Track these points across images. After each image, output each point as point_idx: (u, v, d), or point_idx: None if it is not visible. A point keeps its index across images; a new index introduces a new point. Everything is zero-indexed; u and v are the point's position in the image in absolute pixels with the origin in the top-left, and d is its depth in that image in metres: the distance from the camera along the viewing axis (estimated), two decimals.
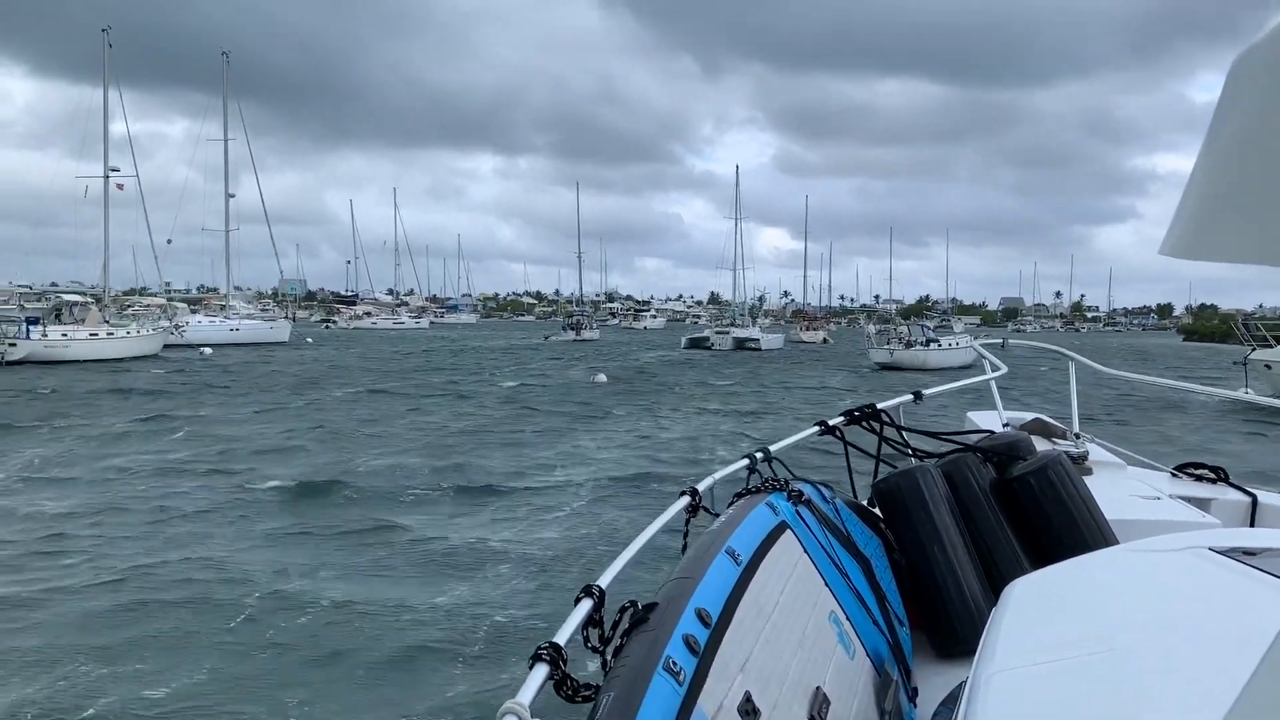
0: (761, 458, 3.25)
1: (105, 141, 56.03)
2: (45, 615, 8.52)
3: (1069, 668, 1.78)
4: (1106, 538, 3.50)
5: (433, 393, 31.21)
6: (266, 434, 20.38)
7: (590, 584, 1.99)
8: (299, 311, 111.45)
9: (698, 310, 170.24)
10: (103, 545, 10.84)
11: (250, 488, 14.33)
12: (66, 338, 43.48)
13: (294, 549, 10.85)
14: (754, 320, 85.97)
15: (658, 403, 28.98)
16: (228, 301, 68.38)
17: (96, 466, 16.01)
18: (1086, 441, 5.38)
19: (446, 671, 7.57)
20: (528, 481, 15.10)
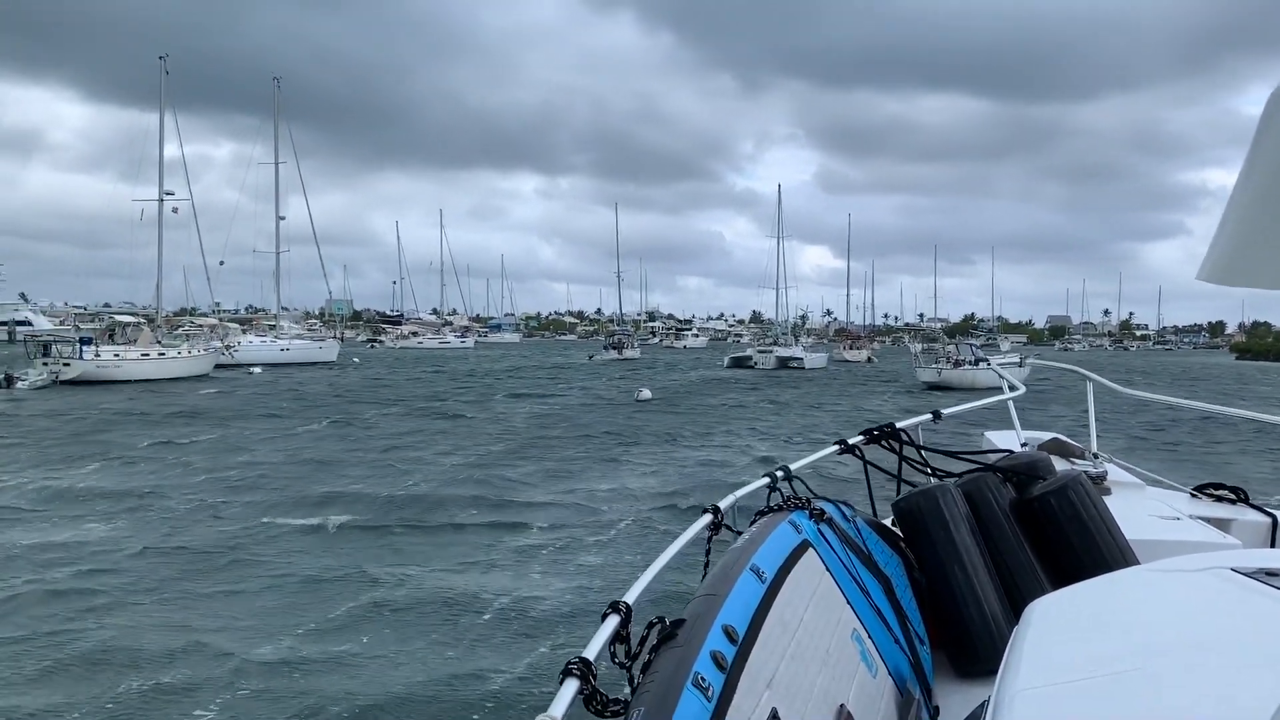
0: (782, 476, 3.27)
1: (160, 166, 57.37)
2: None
3: (1092, 688, 1.78)
4: (1127, 558, 3.51)
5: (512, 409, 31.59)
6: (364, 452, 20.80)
7: (617, 600, 2.01)
8: (346, 331, 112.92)
9: (739, 329, 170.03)
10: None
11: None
12: (119, 358, 44.41)
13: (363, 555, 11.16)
14: (796, 339, 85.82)
15: (704, 422, 29.07)
16: (277, 322, 69.50)
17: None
18: (1105, 461, 5.37)
19: (479, 680, 7.67)
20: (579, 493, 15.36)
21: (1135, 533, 3.79)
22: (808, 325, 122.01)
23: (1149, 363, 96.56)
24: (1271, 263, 1.61)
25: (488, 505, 14.95)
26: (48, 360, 41.75)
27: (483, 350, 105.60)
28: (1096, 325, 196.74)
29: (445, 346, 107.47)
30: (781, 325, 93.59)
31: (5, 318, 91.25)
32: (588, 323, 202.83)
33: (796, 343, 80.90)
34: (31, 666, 7.96)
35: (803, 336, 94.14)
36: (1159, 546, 3.74)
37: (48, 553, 11.57)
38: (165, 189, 56.93)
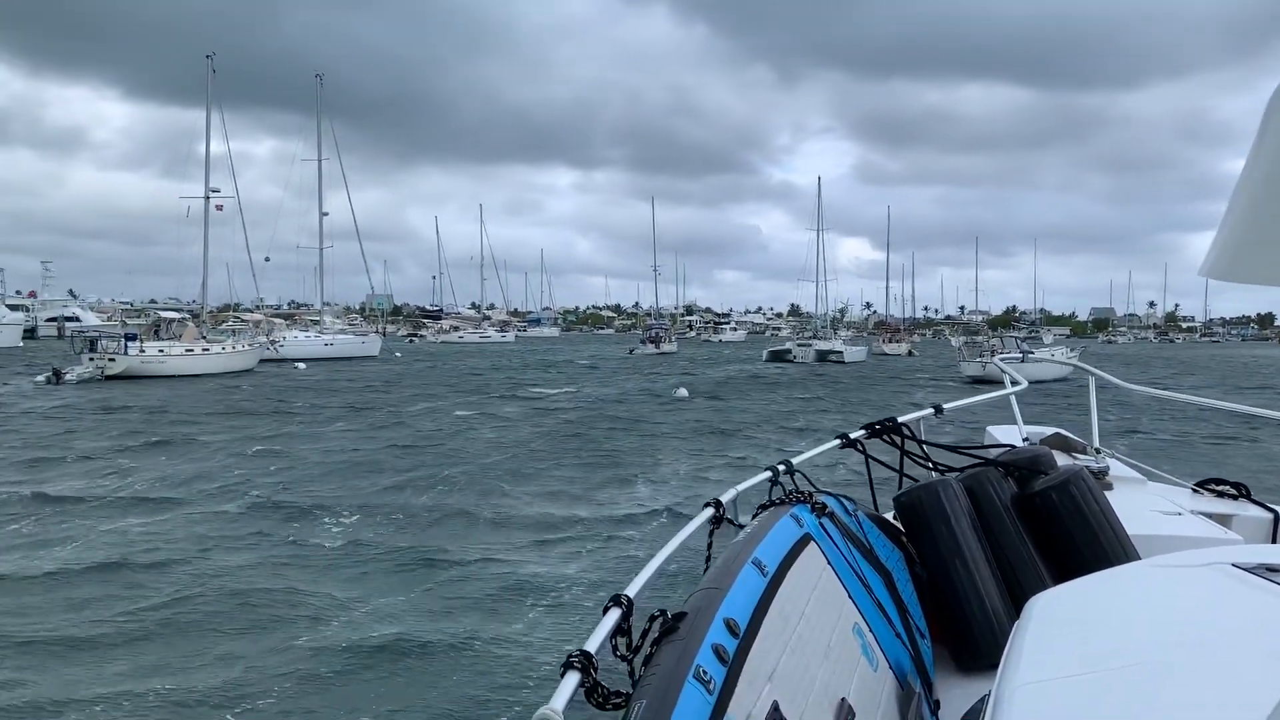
0: (784, 470, 3.28)
1: (207, 164, 57.99)
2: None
3: (1093, 682, 1.78)
4: (1128, 553, 3.51)
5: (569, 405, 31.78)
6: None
7: (619, 593, 2.03)
8: (387, 326, 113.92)
9: (778, 322, 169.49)
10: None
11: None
12: (163, 353, 44.98)
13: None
14: (834, 332, 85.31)
15: (743, 420, 28.98)
16: (321, 317, 70.24)
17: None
18: (1107, 456, 5.37)
19: (481, 674, 7.72)
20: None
21: (1137, 528, 3.81)
22: (847, 318, 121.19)
23: (1193, 355, 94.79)
24: (1273, 258, 1.63)
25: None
26: (93, 356, 42.48)
27: (524, 344, 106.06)
28: (1141, 318, 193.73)
29: (486, 341, 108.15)
30: (820, 318, 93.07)
31: (54, 314, 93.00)
32: (625, 316, 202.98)
33: (835, 336, 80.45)
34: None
35: (841, 329, 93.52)
36: (1160, 542, 3.74)
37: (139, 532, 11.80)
38: (210, 186, 57.70)
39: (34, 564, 10.89)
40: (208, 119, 58.05)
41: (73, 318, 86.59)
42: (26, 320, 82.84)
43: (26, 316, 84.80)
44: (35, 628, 8.75)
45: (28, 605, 9.45)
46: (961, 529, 3.39)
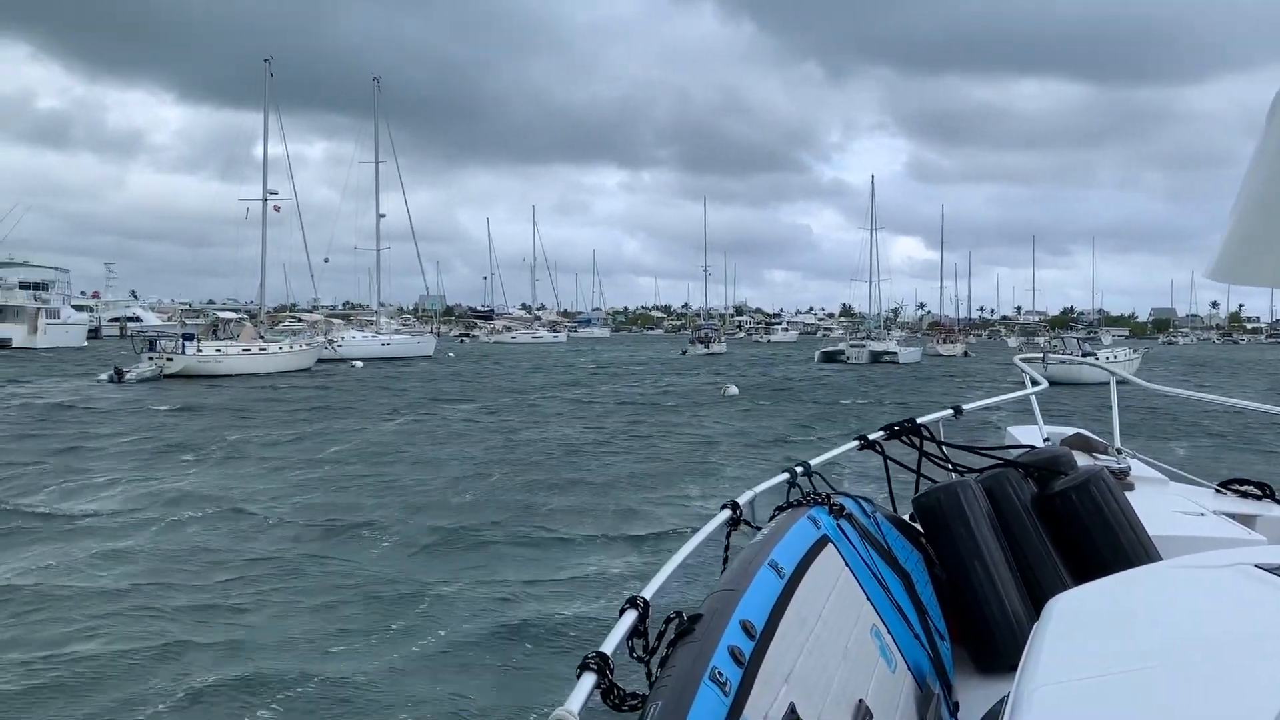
0: (801, 471, 3.27)
1: (265, 166, 58.81)
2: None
3: (1114, 684, 1.76)
4: (1150, 554, 3.47)
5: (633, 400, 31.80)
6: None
7: (635, 595, 2.02)
8: (440, 327, 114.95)
9: (829, 322, 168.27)
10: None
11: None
12: (220, 352, 45.80)
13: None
14: (887, 333, 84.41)
15: (802, 421, 28.68)
16: (377, 317, 70.88)
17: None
18: (1128, 457, 5.34)
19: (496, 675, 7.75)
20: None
21: (1158, 529, 3.78)
22: (900, 319, 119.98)
23: (1254, 357, 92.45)
24: (1274, 260, 1.62)
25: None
26: (153, 355, 43.37)
27: (576, 345, 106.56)
28: (1204, 318, 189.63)
29: (539, 341, 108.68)
30: (874, 319, 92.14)
31: (117, 314, 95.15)
32: (674, 317, 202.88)
33: (888, 337, 79.60)
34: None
35: (894, 330, 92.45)
36: (1182, 542, 3.72)
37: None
38: (268, 188, 58.47)
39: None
40: (265, 122, 58.90)
41: (135, 318, 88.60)
42: (91, 320, 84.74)
43: (91, 317, 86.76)
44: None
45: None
46: (981, 530, 3.38)
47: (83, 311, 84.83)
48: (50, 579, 10.19)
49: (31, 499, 14.68)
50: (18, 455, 18.94)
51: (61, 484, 15.91)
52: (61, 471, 17.10)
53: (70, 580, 10.17)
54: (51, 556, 11.10)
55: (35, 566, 10.72)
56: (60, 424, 24.72)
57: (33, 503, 14.38)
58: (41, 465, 17.74)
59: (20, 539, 12.02)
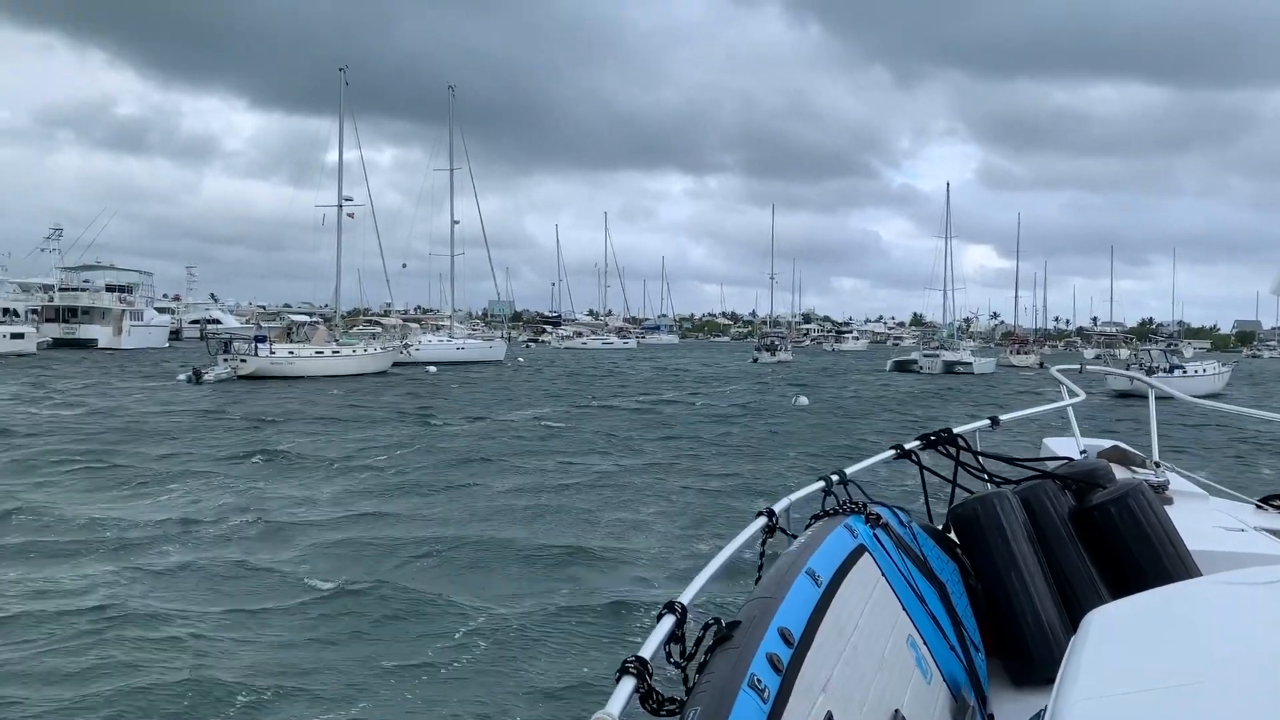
0: (837, 480, 3.25)
1: (340, 173, 59.87)
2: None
3: (1152, 700, 1.73)
4: (1189, 569, 3.43)
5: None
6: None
7: (673, 600, 2.02)
8: (511, 332, 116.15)
9: (899, 331, 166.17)
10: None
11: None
12: (292, 355, 46.69)
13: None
14: (959, 342, 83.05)
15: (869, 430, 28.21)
16: (450, 323, 71.70)
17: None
18: (1167, 470, 5.27)
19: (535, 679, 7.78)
20: None
21: (1198, 544, 3.74)
22: (972, 328, 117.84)
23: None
24: None
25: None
26: (227, 357, 44.40)
27: (645, 351, 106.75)
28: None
29: (609, 347, 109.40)
30: (947, 328, 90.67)
31: (197, 317, 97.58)
32: (741, 324, 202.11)
33: (960, 346, 78.33)
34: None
35: (965, 340, 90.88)
36: (1222, 558, 3.69)
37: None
38: (345, 195, 59.41)
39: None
40: (340, 130, 59.95)
41: (215, 320, 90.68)
42: (173, 322, 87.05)
43: (172, 319, 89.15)
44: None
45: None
46: (1017, 542, 3.36)
47: (164, 314, 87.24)
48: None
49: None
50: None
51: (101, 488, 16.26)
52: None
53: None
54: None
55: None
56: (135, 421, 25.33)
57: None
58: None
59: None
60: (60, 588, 9.98)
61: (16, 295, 72.66)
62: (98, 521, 13.15)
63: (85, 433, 23.03)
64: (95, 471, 17.39)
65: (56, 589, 9.92)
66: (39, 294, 75.02)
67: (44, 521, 13.10)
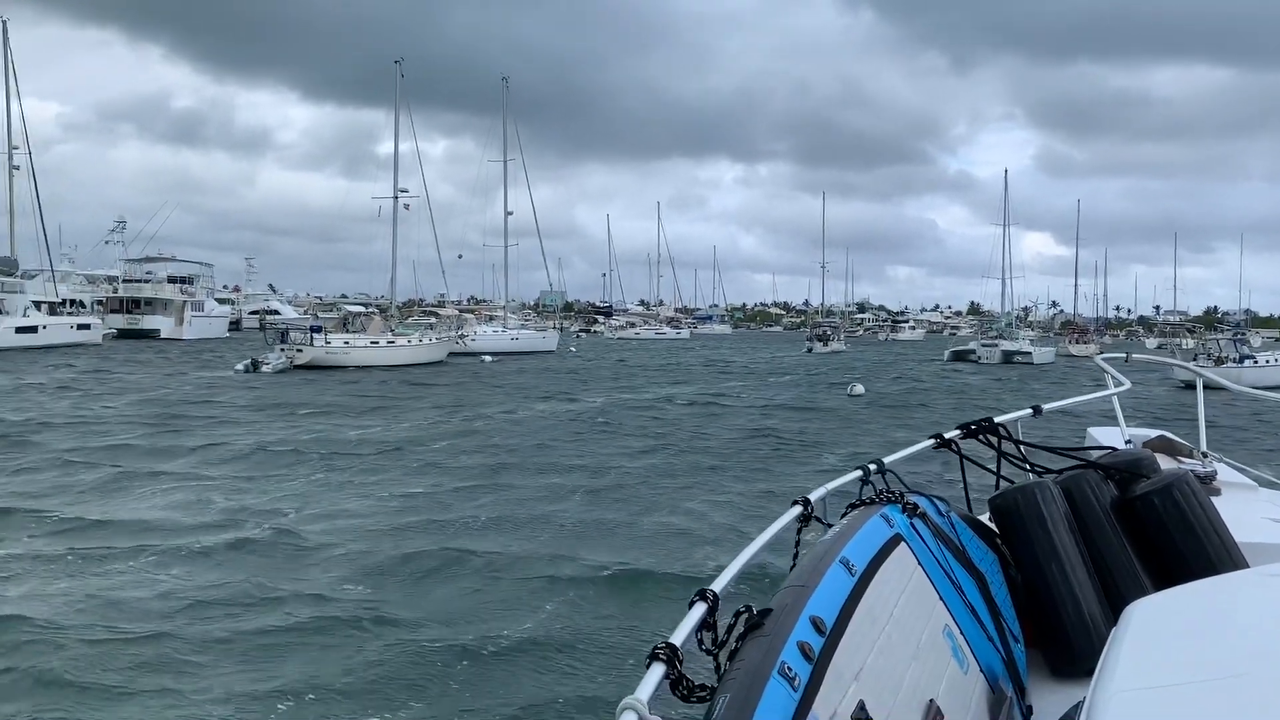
0: (875, 469, 3.19)
1: (395, 165, 60.15)
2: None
3: (1194, 692, 1.70)
4: (1236, 561, 3.38)
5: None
6: None
7: (704, 588, 2.01)
8: (564, 322, 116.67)
9: (956, 321, 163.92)
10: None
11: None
12: (347, 345, 47.35)
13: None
14: (1017, 332, 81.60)
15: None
16: (504, 313, 71.99)
17: None
18: (1214, 461, 5.19)
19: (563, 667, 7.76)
20: None
21: (1245, 535, 3.68)
22: (1031, 317, 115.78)
23: None
24: None
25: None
26: (284, 347, 45.03)
27: (699, 341, 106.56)
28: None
29: (662, 337, 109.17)
30: (1006, 317, 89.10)
31: (256, 307, 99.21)
32: (793, 314, 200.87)
33: (1019, 336, 76.98)
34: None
35: (1024, 329, 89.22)
36: (1271, 550, 3.62)
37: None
38: (400, 187, 59.83)
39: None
40: (396, 122, 60.24)
41: (274, 311, 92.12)
42: (232, 313, 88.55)
43: (232, 309, 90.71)
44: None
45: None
46: (1058, 532, 3.33)
47: (225, 304, 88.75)
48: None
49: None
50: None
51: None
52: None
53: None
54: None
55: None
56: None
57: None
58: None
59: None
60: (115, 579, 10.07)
61: (83, 287, 74.30)
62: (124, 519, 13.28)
63: (133, 419, 23.52)
64: (128, 457, 17.77)
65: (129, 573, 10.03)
66: (104, 285, 76.73)
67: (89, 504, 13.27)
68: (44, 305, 59.14)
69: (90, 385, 33.12)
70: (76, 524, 12.31)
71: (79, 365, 42.54)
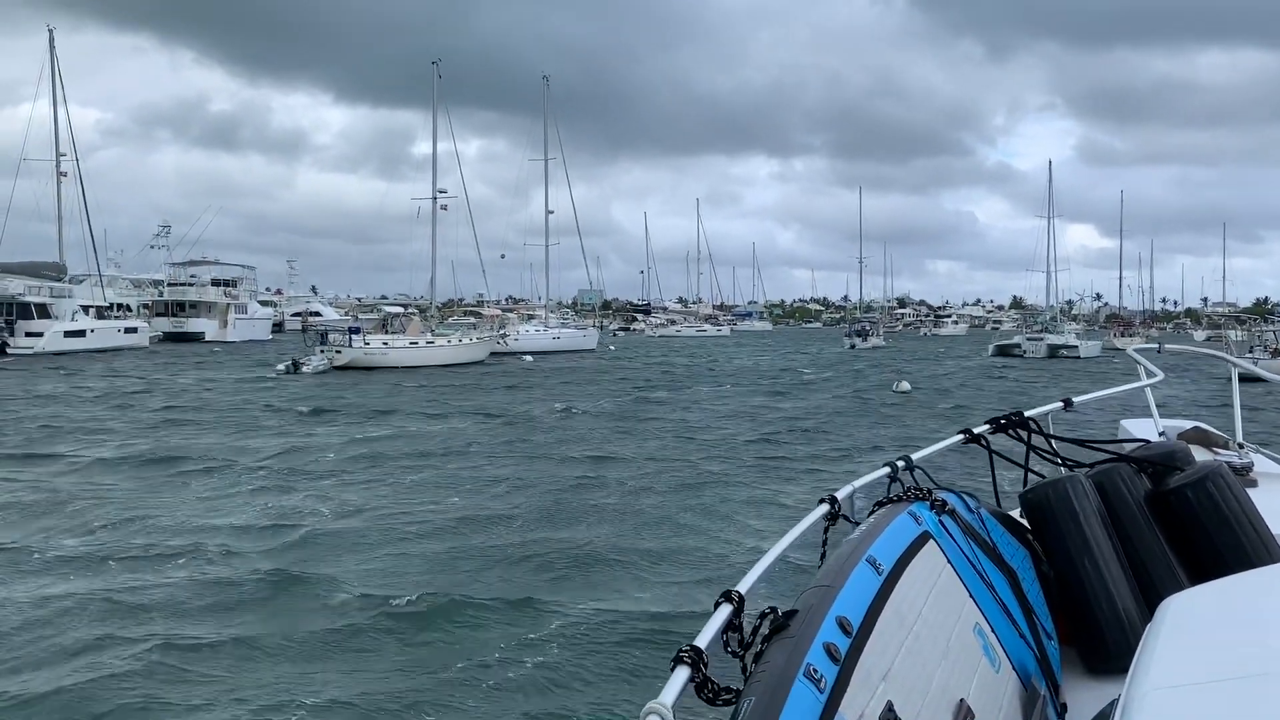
0: (903, 466, 3.17)
1: (434, 166, 60.43)
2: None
3: (1232, 689, 1.67)
4: (1273, 554, 3.32)
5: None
6: None
7: (730, 589, 1.99)
8: (603, 320, 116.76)
9: (998, 315, 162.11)
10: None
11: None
12: (386, 345, 47.58)
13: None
14: (1061, 325, 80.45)
15: None
16: (544, 312, 72.12)
17: None
18: (1251, 452, 5.11)
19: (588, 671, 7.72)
20: None
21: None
22: (1074, 310, 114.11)
23: None
24: None
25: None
26: (324, 348, 45.46)
27: (738, 338, 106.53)
28: None
29: (703, 334, 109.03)
30: (1052, 311, 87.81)
31: (299, 309, 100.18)
32: (833, 310, 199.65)
33: (1064, 329, 75.88)
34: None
35: (1068, 323, 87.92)
36: None
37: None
38: (440, 188, 60.06)
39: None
40: (434, 123, 60.55)
41: (316, 312, 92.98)
42: (275, 315, 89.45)
43: (275, 311, 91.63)
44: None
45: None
46: (1091, 527, 3.27)
47: (267, 306, 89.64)
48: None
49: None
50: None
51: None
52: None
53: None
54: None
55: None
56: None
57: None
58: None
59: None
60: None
61: (128, 291, 75.38)
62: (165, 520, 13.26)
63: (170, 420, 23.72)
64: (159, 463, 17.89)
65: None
66: (149, 289, 77.75)
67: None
68: (91, 309, 60.03)
69: (142, 389, 33.50)
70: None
71: (127, 369, 43.07)
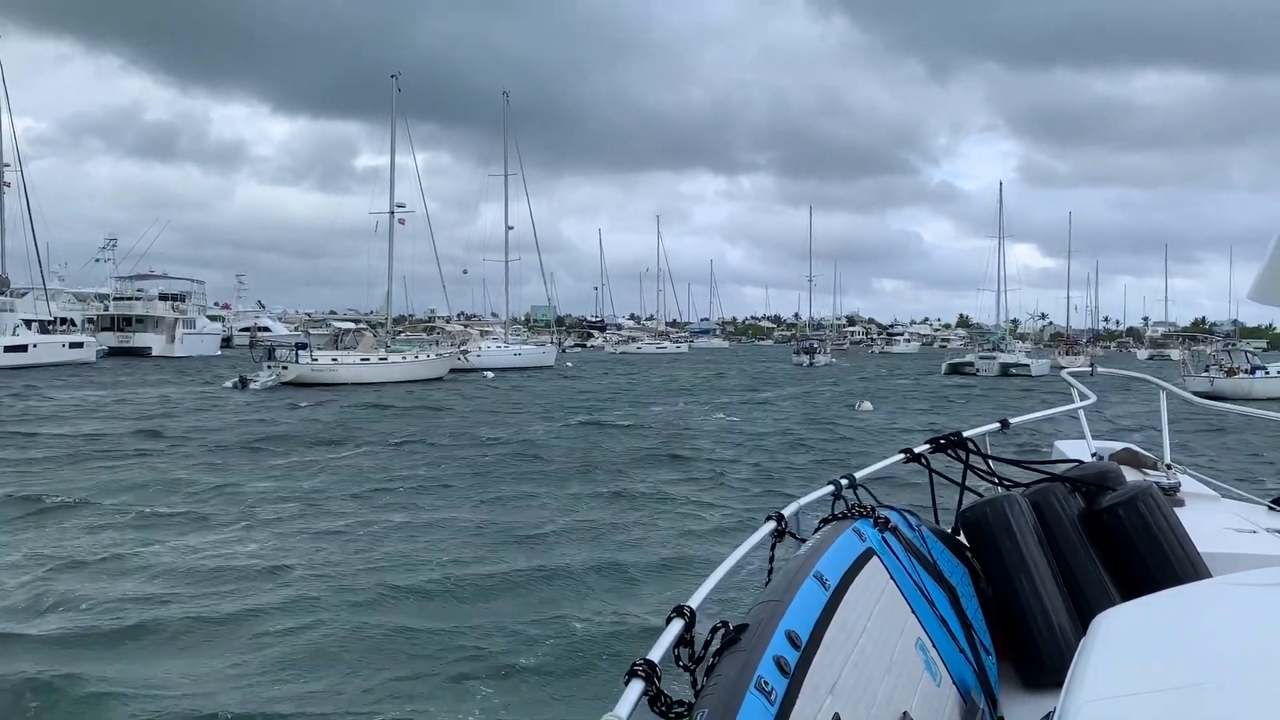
0: (846, 484, 3.24)
1: (392, 179, 59.53)
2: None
3: (1160, 701, 1.74)
4: (1199, 571, 3.45)
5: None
6: None
7: (681, 604, 2.02)
8: (559, 337, 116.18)
9: (946, 334, 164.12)
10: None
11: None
12: (335, 362, 46.66)
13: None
14: (1012, 344, 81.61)
15: None
16: (505, 330, 71.50)
17: None
18: (1179, 472, 5.27)
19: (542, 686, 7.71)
20: None
21: (1208, 546, 3.75)
22: (1019, 329, 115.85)
23: None
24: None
25: None
26: (270, 364, 44.51)
27: (697, 354, 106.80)
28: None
29: (662, 351, 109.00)
30: (999, 329, 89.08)
31: (247, 324, 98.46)
32: (784, 327, 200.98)
33: (1015, 348, 77.00)
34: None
35: (1016, 341, 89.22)
36: (1233, 560, 3.69)
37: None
38: (394, 200, 59.22)
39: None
40: (393, 136, 59.57)
41: (264, 328, 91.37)
42: (224, 330, 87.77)
43: (223, 326, 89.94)
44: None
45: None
46: (1027, 545, 3.36)
47: (216, 321, 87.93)
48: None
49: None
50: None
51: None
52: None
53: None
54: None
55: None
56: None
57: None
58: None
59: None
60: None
61: (72, 305, 73.45)
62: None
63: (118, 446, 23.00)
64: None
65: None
66: (94, 303, 75.84)
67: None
68: (34, 324, 58.23)
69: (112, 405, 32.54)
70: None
71: (75, 385, 41.84)
